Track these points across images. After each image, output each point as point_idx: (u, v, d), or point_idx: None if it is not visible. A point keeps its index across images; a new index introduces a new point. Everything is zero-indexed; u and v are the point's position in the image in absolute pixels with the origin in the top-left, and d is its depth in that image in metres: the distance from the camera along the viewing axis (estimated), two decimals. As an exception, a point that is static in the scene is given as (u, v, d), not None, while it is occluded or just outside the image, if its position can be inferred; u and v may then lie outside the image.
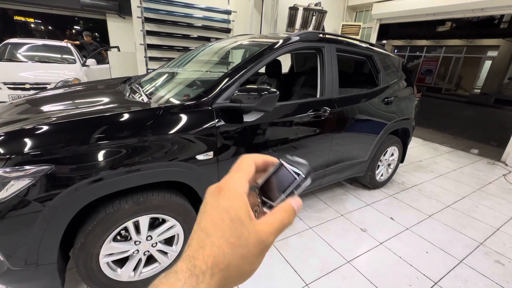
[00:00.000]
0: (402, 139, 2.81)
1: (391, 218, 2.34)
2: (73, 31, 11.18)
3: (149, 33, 4.32)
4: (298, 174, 0.28)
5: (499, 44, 12.23)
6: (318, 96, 1.97)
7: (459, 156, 4.22)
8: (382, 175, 2.79)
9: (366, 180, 2.69)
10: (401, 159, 2.95)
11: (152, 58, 4.44)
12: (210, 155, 1.39)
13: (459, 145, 4.85)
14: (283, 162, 0.30)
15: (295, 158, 0.30)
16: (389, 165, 2.84)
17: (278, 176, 0.29)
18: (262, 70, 3.15)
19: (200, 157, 1.35)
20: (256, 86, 1.40)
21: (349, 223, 2.23)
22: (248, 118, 1.52)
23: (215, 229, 0.24)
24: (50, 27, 10.90)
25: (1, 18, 9.56)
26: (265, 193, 0.30)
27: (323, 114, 1.88)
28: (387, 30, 13.42)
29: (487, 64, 13.19)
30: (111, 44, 8.51)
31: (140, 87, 1.80)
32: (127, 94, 1.69)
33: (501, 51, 12.24)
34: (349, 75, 2.94)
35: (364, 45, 2.39)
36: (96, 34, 10.96)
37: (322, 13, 4.90)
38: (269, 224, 0.26)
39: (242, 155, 0.32)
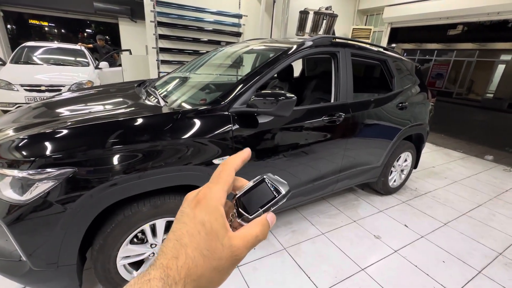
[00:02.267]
0: (416, 144, 2.77)
1: (405, 225, 2.29)
2: (85, 34, 11.45)
3: (161, 36, 4.40)
4: (278, 192, 0.30)
5: (513, 48, 11.93)
6: (332, 101, 1.95)
7: (473, 162, 4.12)
8: (395, 181, 2.75)
9: (378, 186, 2.65)
10: (415, 165, 2.89)
11: (163, 62, 4.51)
12: (226, 159, 1.39)
13: (472, 151, 4.74)
14: (265, 178, 0.31)
15: (276, 177, 0.32)
16: (402, 171, 2.79)
17: (258, 191, 0.30)
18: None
19: (216, 161, 1.36)
20: (273, 91, 1.40)
21: (362, 229, 2.19)
22: (263, 123, 1.52)
23: (190, 240, 0.25)
24: (63, 30, 11.20)
25: (17, 21, 9.88)
26: (241, 204, 0.30)
27: (337, 119, 1.87)
28: (396, 34, 13.27)
29: (500, 68, 12.89)
30: (123, 47, 8.69)
31: (155, 91, 1.82)
32: (143, 98, 1.71)
33: (515, 54, 11.93)
34: (361, 79, 2.92)
35: (378, 49, 2.37)
36: (107, 37, 11.20)
37: (332, 17, 4.89)
38: (243, 239, 0.27)
39: (223, 161, 0.32)
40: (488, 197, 2.93)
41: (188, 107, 1.48)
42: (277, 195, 0.30)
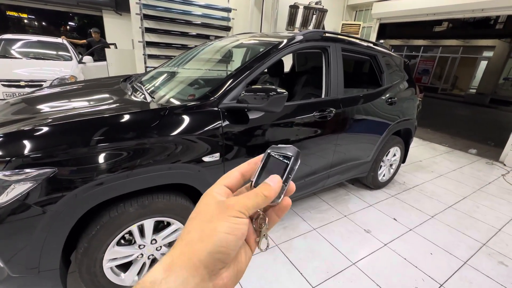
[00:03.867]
0: (404, 139, 2.81)
1: (394, 219, 2.33)
2: (68, 27, 10.97)
3: (148, 30, 4.25)
4: (288, 158, 0.30)
5: (495, 45, 12.35)
6: (323, 96, 1.94)
7: (458, 156, 4.24)
8: (384, 176, 2.79)
9: (368, 181, 2.69)
10: (403, 159, 2.95)
11: (150, 56, 4.37)
12: (216, 156, 1.35)
13: (457, 145, 4.88)
14: (270, 152, 0.31)
15: (280, 145, 0.32)
16: (391, 165, 2.84)
17: (269, 166, 0.30)
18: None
19: (206, 158, 1.32)
20: (263, 86, 1.36)
21: (352, 224, 2.21)
22: (254, 118, 1.49)
23: (190, 224, 0.27)
24: (44, 23, 10.68)
25: (-7, 13, 9.35)
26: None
27: (328, 115, 1.86)
28: (384, 30, 13.43)
29: (483, 64, 13.31)
30: (108, 41, 8.40)
31: (142, 86, 1.75)
32: (129, 93, 1.64)
33: (496, 51, 12.36)
34: (351, 74, 2.92)
35: (367, 44, 2.37)
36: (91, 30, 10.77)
37: (322, 11, 4.87)
38: (238, 197, 0.28)
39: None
40: (472, 190, 3.02)
41: (176, 103, 1.42)
42: (288, 162, 0.30)
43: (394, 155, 2.79)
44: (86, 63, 5.62)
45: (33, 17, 10.25)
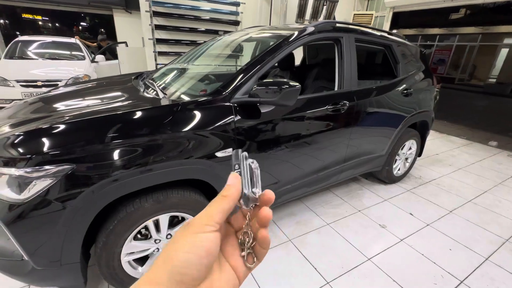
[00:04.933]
0: (421, 132, 2.72)
1: (411, 213, 2.28)
2: (80, 27, 11.22)
3: (157, 27, 4.28)
4: (238, 169, 0.31)
5: (517, 31, 11.67)
6: (336, 89, 1.89)
7: (477, 148, 4.08)
8: (399, 170, 2.71)
9: (383, 175, 2.62)
10: (419, 153, 2.86)
11: (160, 53, 4.40)
12: (229, 151, 1.35)
13: (476, 137, 4.69)
14: (235, 165, 0.32)
15: (231, 162, 0.32)
16: (406, 159, 2.76)
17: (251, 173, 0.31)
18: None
19: (219, 154, 1.32)
20: (276, 80, 1.34)
21: (367, 219, 2.17)
22: (266, 113, 1.48)
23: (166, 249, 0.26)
24: (57, 24, 10.96)
25: (9, 16, 9.69)
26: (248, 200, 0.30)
27: (342, 108, 1.82)
28: (397, 19, 12.99)
29: (504, 52, 12.66)
30: (118, 40, 8.52)
31: (154, 83, 1.76)
32: (142, 90, 1.65)
33: (519, 38, 11.69)
34: (365, 66, 2.84)
35: (381, 34, 2.29)
36: (102, 30, 10.98)
37: (333, 2, 4.75)
38: (199, 213, 0.27)
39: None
40: (493, 183, 2.90)
41: (187, 98, 1.42)
42: (240, 171, 0.30)
43: (410, 148, 2.71)
44: (98, 62, 5.74)
45: (47, 18, 10.53)
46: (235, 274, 0.28)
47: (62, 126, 1.10)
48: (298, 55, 3.40)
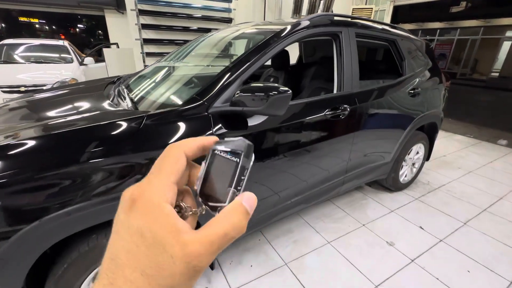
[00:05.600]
0: (429, 134, 2.49)
1: (421, 227, 2.05)
2: (77, 29, 11.02)
3: (145, 26, 4.04)
4: (237, 155, 0.23)
5: (520, 23, 11.38)
6: (335, 91, 1.66)
7: (486, 148, 3.84)
8: (406, 176, 2.49)
9: (388, 183, 2.40)
10: (427, 156, 2.63)
11: (150, 54, 4.17)
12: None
13: (483, 135, 4.45)
14: (215, 148, 0.24)
15: (226, 139, 0.25)
16: (413, 164, 2.53)
17: (216, 168, 0.24)
18: (268, 62, 2.85)
19: (195, 176, 1.09)
20: (262, 84, 1.11)
21: (372, 235, 1.95)
22: (254, 122, 1.25)
23: (127, 258, 0.19)
24: (54, 27, 10.75)
25: (6, 20, 9.52)
26: (208, 196, 0.23)
27: (342, 113, 1.59)
28: (397, 14, 12.73)
29: (506, 45, 12.36)
30: (111, 41, 8.29)
31: (125, 90, 1.54)
32: (111, 99, 1.43)
33: (522, 30, 11.41)
34: (366, 64, 2.61)
35: (385, 28, 2.05)
36: (100, 31, 10.77)
37: (330, -4, 4.51)
38: (204, 242, 0.19)
39: (169, 145, 0.25)
40: (508, 188, 2.67)
41: (160, 108, 1.19)
42: (238, 159, 0.23)
43: (417, 152, 2.48)
44: (88, 65, 5.53)
45: (44, 21, 10.32)
46: None
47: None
48: (295, 53, 3.16)
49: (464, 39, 13.54)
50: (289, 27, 1.46)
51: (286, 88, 1.07)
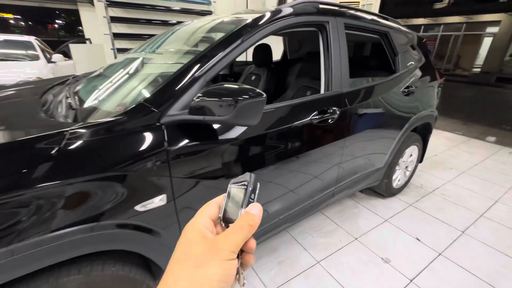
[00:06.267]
0: (422, 135, 2.32)
1: (417, 238, 1.87)
2: (56, 25, 10.33)
3: (117, 19, 3.68)
4: (244, 183, 0.31)
5: (500, 19, 11.65)
6: (322, 91, 1.44)
7: (475, 146, 3.76)
8: (399, 181, 2.31)
9: (381, 189, 2.21)
10: (420, 158, 2.46)
11: (122, 50, 3.82)
12: (159, 201, 0.87)
13: (471, 132, 4.41)
14: (230, 186, 0.32)
15: (239, 176, 0.32)
16: (406, 167, 2.36)
17: (232, 197, 0.31)
18: (250, 57, 2.59)
19: (141, 207, 0.83)
20: (230, 86, 0.87)
21: (365, 250, 1.75)
22: (225, 131, 1.00)
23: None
24: (30, 22, 10.03)
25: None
26: (228, 219, 0.30)
27: (331, 117, 1.36)
28: (383, 9, 12.72)
29: (487, 41, 12.64)
30: (86, 36, 7.76)
31: (68, 95, 1.25)
32: (46, 107, 1.14)
33: (502, 26, 11.68)
34: (354, 59, 2.40)
35: (376, 18, 1.84)
36: (81, 27, 10.14)
37: (316, -12, 4.28)
38: (224, 235, 0.27)
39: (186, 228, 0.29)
40: (502, 190, 2.56)
41: (95, 119, 0.92)
42: (245, 187, 0.30)
43: (411, 155, 2.30)
44: (56, 62, 5.09)
45: (19, 17, 9.58)
46: None
47: None
48: (280, 48, 2.93)
49: (447, 35, 13.76)
50: (267, 15, 1.21)
51: (260, 91, 0.82)
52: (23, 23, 9.81)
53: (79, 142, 0.77)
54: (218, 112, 0.84)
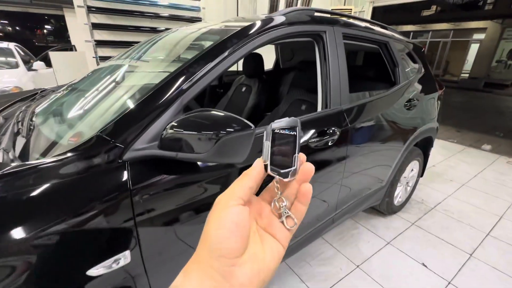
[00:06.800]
0: (424, 149, 2.19)
1: (423, 264, 1.73)
2: (45, 31, 10.00)
3: (98, 26, 3.48)
4: (293, 129, 0.28)
5: (486, 26, 11.93)
6: (319, 108, 1.28)
7: (472, 155, 3.69)
8: (400, 197, 2.17)
9: (382, 208, 2.07)
10: (421, 173, 2.34)
11: (105, 58, 3.61)
12: (122, 260, 0.68)
13: (466, 140, 4.36)
14: (274, 128, 0.29)
15: (277, 120, 0.29)
16: (407, 183, 2.22)
17: (280, 143, 0.28)
18: (241, 67, 2.42)
19: (95, 271, 0.64)
20: (213, 113, 0.70)
21: (369, 280, 1.59)
22: (207, 164, 0.83)
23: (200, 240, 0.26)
24: (17, 28, 9.67)
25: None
26: (278, 165, 0.28)
27: (331, 139, 1.21)
28: (373, 16, 12.89)
29: (474, 47, 12.92)
30: (73, 43, 7.49)
31: (25, 116, 1.05)
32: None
33: (488, 33, 11.96)
34: (350, 70, 2.27)
35: (375, 28, 1.71)
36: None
37: (308, -5, 4.20)
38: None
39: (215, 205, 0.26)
40: (505, 204, 2.45)
41: (41, 157, 0.74)
42: (295, 133, 0.28)
43: (412, 170, 2.17)
44: (38, 70, 4.85)
45: (6, 22, 9.22)
46: (278, 241, 0.28)
47: None
48: (272, 57, 2.78)
49: (436, 42, 14.01)
50: (258, 24, 1.06)
51: (247, 123, 0.66)
52: (10, 28, 9.47)
53: (20, 188, 0.58)
54: (196, 146, 0.67)
